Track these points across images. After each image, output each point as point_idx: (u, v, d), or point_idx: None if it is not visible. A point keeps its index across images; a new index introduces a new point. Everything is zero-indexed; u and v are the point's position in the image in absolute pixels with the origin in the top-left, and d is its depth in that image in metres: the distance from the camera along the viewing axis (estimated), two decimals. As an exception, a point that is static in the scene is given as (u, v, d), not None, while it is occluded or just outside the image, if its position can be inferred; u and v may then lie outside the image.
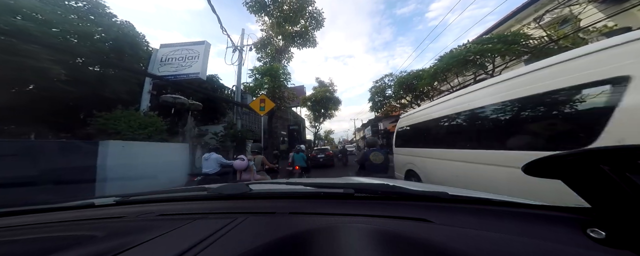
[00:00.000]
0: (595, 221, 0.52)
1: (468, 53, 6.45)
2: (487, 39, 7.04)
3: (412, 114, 4.62)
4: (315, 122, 27.38)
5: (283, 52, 15.89)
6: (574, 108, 1.70)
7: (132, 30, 10.44)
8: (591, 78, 1.57)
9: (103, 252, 0.50)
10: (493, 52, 6.18)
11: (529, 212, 0.68)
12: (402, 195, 0.89)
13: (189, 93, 12.65)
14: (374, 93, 14.05)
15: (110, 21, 9.26)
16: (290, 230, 0.60)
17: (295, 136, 25.60)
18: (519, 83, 2.16)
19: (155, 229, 0.64)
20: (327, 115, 26.85)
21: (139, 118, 7.02)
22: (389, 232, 0.56)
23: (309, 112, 27.10)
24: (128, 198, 1.07)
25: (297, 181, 1.28)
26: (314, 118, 27.18)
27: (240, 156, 4.23)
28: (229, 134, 11.09)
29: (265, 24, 15.34)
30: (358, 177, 1.92)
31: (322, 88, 25.47)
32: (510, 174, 2.01)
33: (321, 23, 15.27)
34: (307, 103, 25.69)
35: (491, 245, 0.49)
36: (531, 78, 2.05)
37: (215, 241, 0.55)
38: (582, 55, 1.69)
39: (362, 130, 45.60)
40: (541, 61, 2.02)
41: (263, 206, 0.89)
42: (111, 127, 6.23)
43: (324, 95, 24.68)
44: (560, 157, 0.48)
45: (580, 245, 0.47)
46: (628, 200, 0.43)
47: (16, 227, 0.81)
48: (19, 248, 0.63)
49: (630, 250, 0.43)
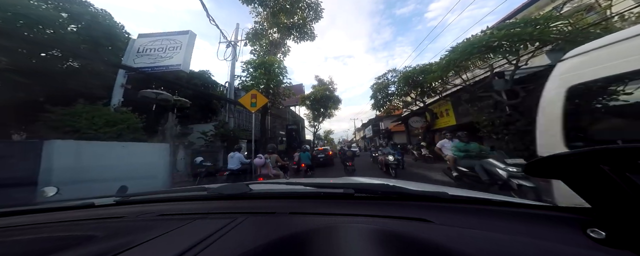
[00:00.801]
0: (595, 221, 0.52)
1: (491, 38, 5.48)
2: (511, 23, 6.09)
3: None
4: (315, 121, 26.36)
5: (279, 46, 14.92)
6: None
7: (110, 19, 9.46)
8: None
9: (103, 252, 0.50)
10: (522, 37, 5.21)
11: (529, 212, 0.69)
12: (402, 195, 0.89)
13: (176, 89, 11.68)
14: (376, 91, 12.97)
15: (83, 9, 8.27)
16: (290, 230, 0.60)
17: (293, 136, 24.75)
18: None
19: (155, 229, 0.64)
20: (326, 114, 25.86)
21: (106, 114, 6.02)
22: (389, 232, 0.56)
23: (308, 111, 26.12)
24: (128, 198, 1.07)
25: (297, 181, 1.25)
26: (313, 117, 26.18)
27: (259, 154, 4.80)
28: (219, 133, 10.17)
29: (259, 15, 14.36)
30: (358, 177, 1.86)
31: (321, 87, 24.47)
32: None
33: (319, 14, 14.31)
34: (306, 102, 24.68)
35: (491, 245, 0.49)
36: None
37: (215, 241, 0.54)
38: None
39: (362, 130, 44.99)
40: None
41: (263, 206, 0.89)
42: (68, 124, 5.23)
43: (323, 93, 23.67)
44: (560, 156, 0.48)
45: (580, 245, 0.47)
46: (628, 200, 0.44)
47: (16, 227, 0.81)
48: (19, 248, 0.62)
49: (630, 250, 0.43)
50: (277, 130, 29.33)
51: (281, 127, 29.22)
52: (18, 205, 1.01)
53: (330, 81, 25.24)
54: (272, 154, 5.52)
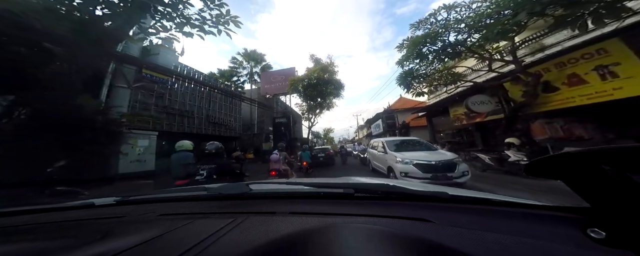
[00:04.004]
0: (595, 221, 0.52)
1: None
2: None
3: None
4: (310, 113, 20.52)
5: None
6: None
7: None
8: None
9: (103, 252, 0.50)
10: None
11: (529, 212, 0.69)
12: (402, 195, 0.89)
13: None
14: (412, 47, 7.17)
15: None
16: (290, 230, 0.60)
17: (282, 132, 19.01)
18: None
19: (156, 229, 0.65)
20: (325, 105, 20.00)
21: None
22: (389, 232, 0.56)
23: (300, 100, 20.25)
24: (128, 198, 1.07)
25: (297, 181, 1.29)
26: (307, 109, 20.35)
27: (275, 152, 5.78)
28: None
29: None
30: (358, 177, 1.81)
31: (318, 66, 18.60)
32: None
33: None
34: (298, 88, 18.82)
35: (491, 244, 0.49)
36: None
37: (215, 241, 0.55)
38: None
39: (366, 127, 39.50)
40: None
41: (263, 206, 0.89)
42: None
43: (320, 75, 17.83)
44: (560, 156, 0.49)
45: (580, 245, 0.47)
46: (628, 200, 0.44)
47: (16, 227, 0.82)
48: (19, 248, 0.61)
49: (630, 250, 0.43)
50: (266, 126, 23.62)
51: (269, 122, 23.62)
52: (18, 205, 1.02)
53: (330, 62, 19.36)
54: (282, 152, 6.05)
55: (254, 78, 27.06)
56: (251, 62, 27.03)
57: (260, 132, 23.88)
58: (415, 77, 8.25)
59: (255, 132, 24.14)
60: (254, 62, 27.15)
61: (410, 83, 8.41)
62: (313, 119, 20.85)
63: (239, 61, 26.98)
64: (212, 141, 3.16)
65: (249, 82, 26.89)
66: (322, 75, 17.85)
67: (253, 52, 27.15)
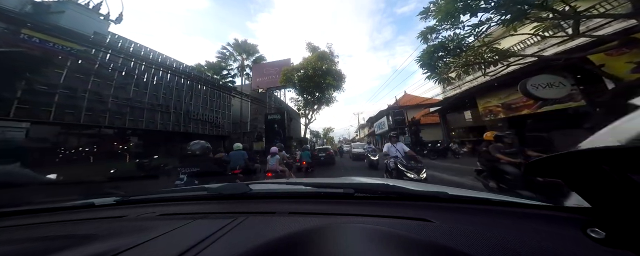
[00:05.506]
0: (595, 221, 0.51)
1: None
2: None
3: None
4: (307, 109, 18.07)
5: None
6: None
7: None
8: None
9: (103, 252, 0.49)
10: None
11: (529, 212, 0.69)
12: (402, 195, 0.89)
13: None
14: (453, 6, 4.71)
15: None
16: (290, 230, 0.59)
17: (276, 130, 16.65)
18: None
19: (156, 229, 0.64)
20: (324, 99, 17.58)
21: None
22: (389, 232, 0.55)
23: (296, 94, 17.80)
24: (128, 198, 1.07)
25: (297, 181, 1.27)
26: (304, 104, 17.91)
27: (269, 155, 5.55)
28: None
29: None
30: (358, 177, 1.81)
31: (315, 54, 16.13)
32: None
33: None
34: (292, 79, 16.37)
35: (491, 244, 0.48)
36: None
37: (215, 241, 0.55)
38: None
39: (368, 126, 37.11)
40: None
41: (263, 206, 0.89)
42: None
43: (318, 66, 15.37)
44: (560, 156, 0.48)
45: (580, 245, 0.47)
46: (628, 200, 0.43)
47: (16, 227, 0.81)
48: (19, 248, 0.61)
49: (630, 250, 0.43)
50: (260, 124, 21.18)
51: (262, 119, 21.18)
52: (18, 205, 1.02)
53: (330, 51, 16.90)
54: (281, 152, 5.94)
55: (246, 73, 24.52)
56: (243, 54, 24.49)
57: (253, 130, 21.46)
58: (449, 51, 5.78)
59: (246, 130, 21.71)
60: (246, 54, 24.62)
61: (437, 63, 5.96)
62: (311, 116, 18.39)
63: (228, 53, 24.38)
64: (197, 140, 2.87)
65: (240, 76, 24.33)
66: (320, 64, 15.42)
67: (244, 43, 24.62)
